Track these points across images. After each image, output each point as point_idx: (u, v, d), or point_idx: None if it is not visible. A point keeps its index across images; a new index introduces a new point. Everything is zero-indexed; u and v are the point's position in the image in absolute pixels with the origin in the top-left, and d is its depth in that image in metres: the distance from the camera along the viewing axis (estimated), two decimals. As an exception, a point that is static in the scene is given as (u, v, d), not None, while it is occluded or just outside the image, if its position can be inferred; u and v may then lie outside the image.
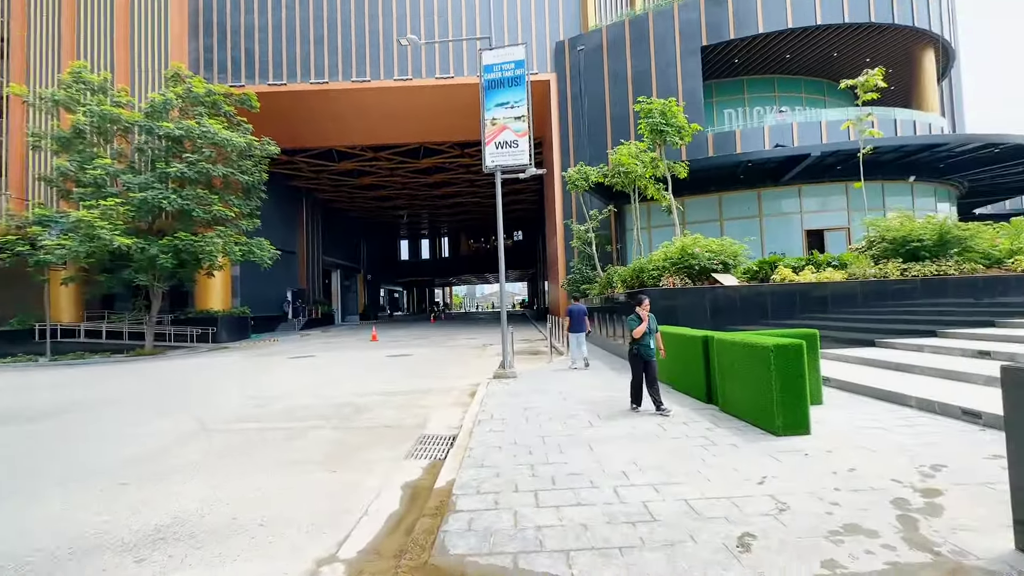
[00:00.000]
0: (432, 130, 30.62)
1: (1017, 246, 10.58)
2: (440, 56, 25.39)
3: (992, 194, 27.61)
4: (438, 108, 27.69)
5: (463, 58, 25.13)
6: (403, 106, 27.40)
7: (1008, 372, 2.65)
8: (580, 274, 21.86)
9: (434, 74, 25.35)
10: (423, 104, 27.25)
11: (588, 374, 10.17)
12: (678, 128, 14.02)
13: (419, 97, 26.43)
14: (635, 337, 6.31)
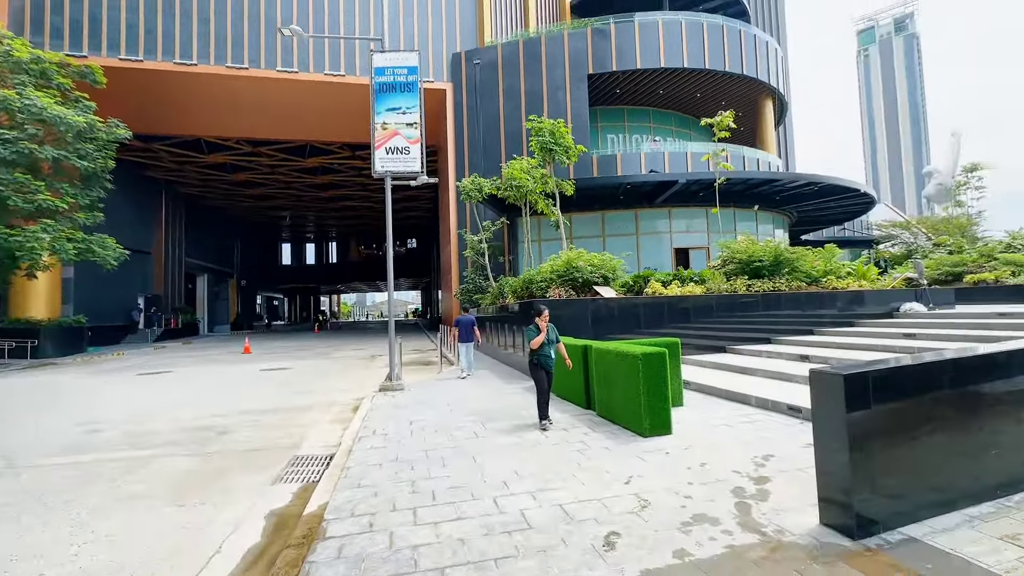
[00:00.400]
0: (320, 128, 28.91)
1: (829, 268, 12.85)
2: (331, 52, 24.14)
3: (816, 223, 33.28)
4: (328, 106, 26.24)
5: (355, 57, 24.16)
6: (288, 100, 25.52)
7: (813, 374, 3.17)
8: (473, 284, 22.02)
9: (323, 70, 23.99)
10: (310, 100, 25.64)
11: (477, 384, 10.22)
12: (566, 148, 14.87)
13: (306, 92, 24.81)
14: (533, 348, 6.24)
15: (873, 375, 2.99)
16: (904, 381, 3.12)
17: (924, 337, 9.00)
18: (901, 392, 3.11)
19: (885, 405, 3.03)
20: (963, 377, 3.30)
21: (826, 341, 9.95)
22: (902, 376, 3.11)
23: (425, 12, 25.68)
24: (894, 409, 3.08)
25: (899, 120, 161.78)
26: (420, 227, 57.42)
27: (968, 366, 3.34)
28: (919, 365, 3.17)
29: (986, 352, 3.42)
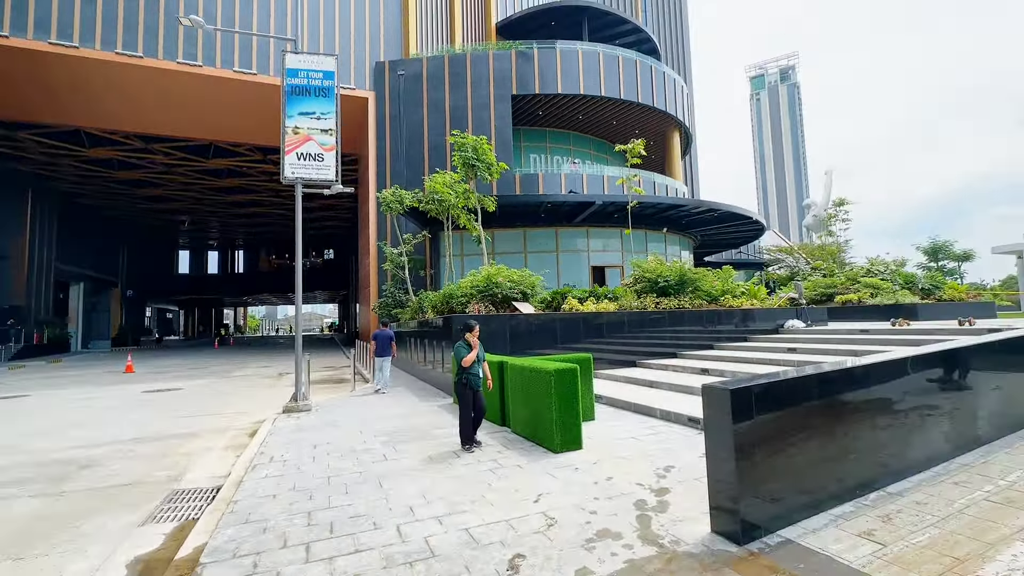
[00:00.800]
0: (227, 128, 26.86)
1: (726, 288, 14.02)
2: (242, 47, 22.63)
3: (716, 246, 36.35)
4: (236, 105, 24.48)
5: (269, 56, 22.84)
6: (190, 95, 23.45)
7: (706, 389, 3.37)
8: (392, 298, 21.37)
9: (233, 66, 22.39)
10: (216, 97, 23.77)
11: (391, 402, 9.83)
12: (488, 164, 15.02)
13: (211, 88, 22.98)
14: (464, 366, 5.83)
15: (755, 389, 3.24)
16: (781, 394, 3.41)
17: (803, 351, 10.04)
18: (779, 404, 3.39)
19: (766, 416, 3.29)
20: (828, 389, 3.68)
21: (724, 355, 10.78)
22: (779, 389, 3.40)
23: (348, 18, 24.99)
24: (773, 420, 3.35)
25: (784, 157, 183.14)
26: (338, 237, 55.00)
27: (832, 379, 3.73)
28: (792, 379, 3.48)
29: (846, 367, 3.84)
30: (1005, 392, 5.11)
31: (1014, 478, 3.62)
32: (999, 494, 3.41)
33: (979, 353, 4.98)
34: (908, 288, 18.02)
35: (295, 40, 9.69)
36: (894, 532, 3.06)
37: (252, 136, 27.56)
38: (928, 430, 4.23)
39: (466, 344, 5.94)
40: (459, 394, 5.95)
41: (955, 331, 9.42)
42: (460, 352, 5.90)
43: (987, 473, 3.78)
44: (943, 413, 4.45)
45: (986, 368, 5.04)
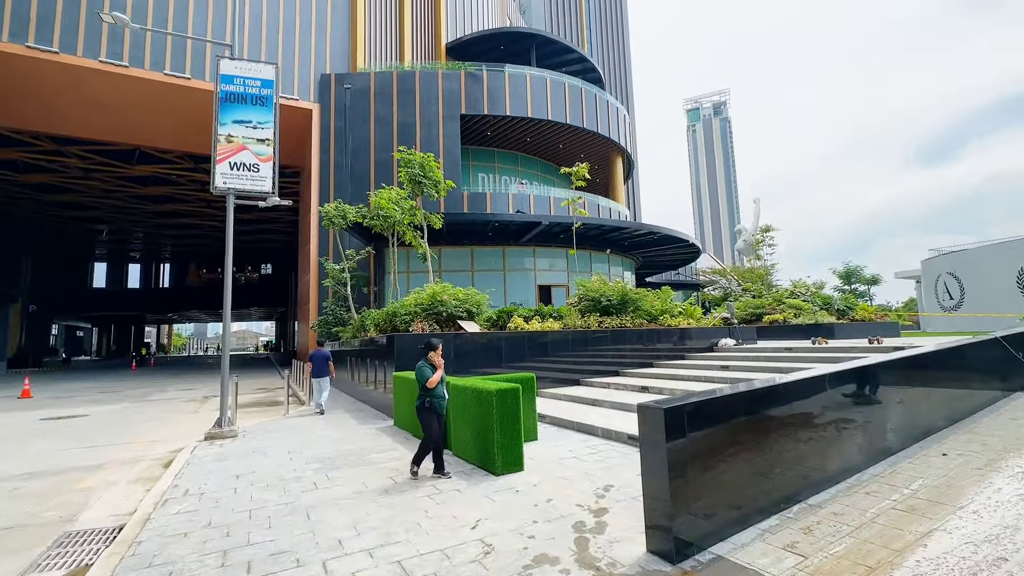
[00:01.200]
0: (155, 134, 25.22)
1: (665, 307, 14.57)
2: (175, 50, 21.42)
3: (657, 267, 37.88)
4: (167, 109, 23.05)
5: (205, 60, 21.77)
6: (113, 96, 21.83)
7: (641, 408, 3.42)
8: (333, 315, 20.55)
9: (164, 68, 21.13)
10: (144, 100, 22.29)
11: (327, 425, 9.33)
12: (435, 182, 14.93)
13: (138, 91, 21.53)
14: (428, 388, 5.44)
15: (687, 408, 3.32)
16: (712, 412, 3.52)
17: (735, 368, 10.55)
18: (710, 421, 3.50)
19: (698, 434, 3.38)
20: (756, 406, 3.85)
21: (663, 373, 11.12)
22: (710, 407, 3.51)
23: (292, 28, 24.37)
24: (705, 437, 3.44)
25: (718, 185, 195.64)
26: (278, 251, 52.56)
27: (759, 396, 3.91)
28: (722, 397, 3.61)
29: (772, 384, 4.04)
30: (908, 405, 5.57)
31: (916, 486, 3.91)
32: (904, 502, 3.66)
33: (886, 370, 5.40)
34: (826, 309, 19.52)
35: (231, 46, 9.25)
36: (814, 544, 3.20)
37: (184, 143, 26.00)
38: (844, 442, 4.51)
39: (429, 364, 5.57)
40: (422, 419, 5.50)
41: (866, 349, 10.24)
42: (424, 373, 5.48)
43: (894, 482, 4.06)
44: (857, 426, 4.77)
45: (892, 383, 5.47)
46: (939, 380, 6.05)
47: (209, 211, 37.19)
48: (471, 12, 34.56)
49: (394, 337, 10.21)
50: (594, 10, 69.43)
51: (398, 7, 28.42)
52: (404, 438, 7.71)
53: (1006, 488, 3.69)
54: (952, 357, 6.25)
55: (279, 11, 24.06)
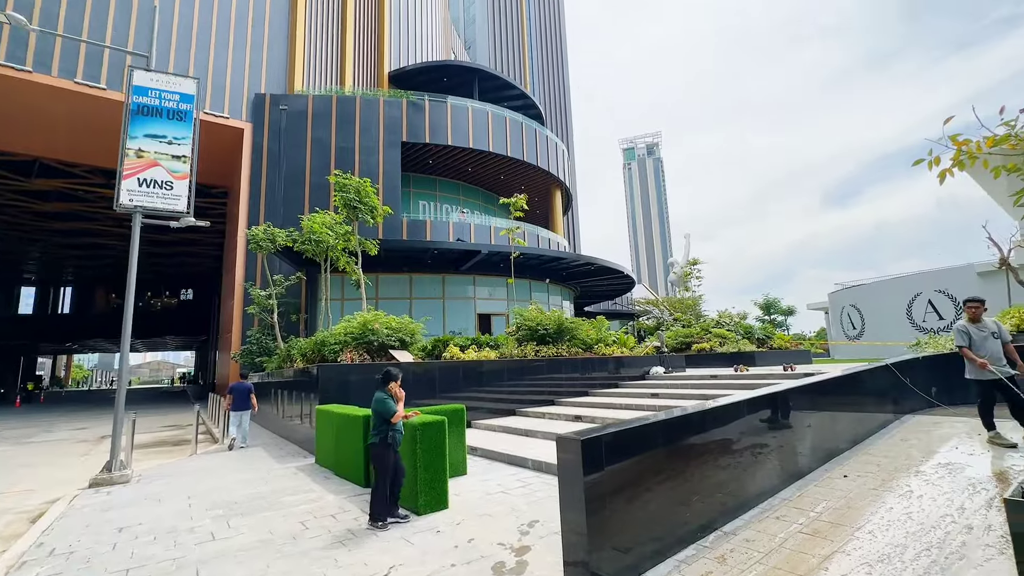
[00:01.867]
0: (60, 145, 23.12)
1: (600, 336, 14.88)
2: (90, 57, 19.93)
3: (595, 297, 38.95)
4: (76, 120, 21.26)
5: (123, 70, 20.40)
6: (10, 102, 19.84)
7: (559, 441, 3.35)
8: (258, 345, 19.29)
9: (75, 76, 19.55)
10: (48, 109, 20.43)
11: (240, 465, 8.55)
12: (371, 208, 14.60)
13: (42, 98, 19.72)
14: (392, 423, 4.94)
15: (605, 438, 3.30)
16: (630, 441, 3.52)
17: (664, 396, 10.85)
18: (628, 452, 3.49)
19: (616, 466, 3.35)
20: (674, 434, 3.90)
21: (596, 401, 11.24)
22: (628, 437, 3.51)
23: (226, 43, 23.51)
24: (624, 468, 3.42)
25: (652, 220, 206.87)
26: (201, 277, 49.01)
27: (677, 424, 3.97)
28: (640, 427, 3.63)
29: (688, 412, 4.13)
30: (815, 429, 5.91)
31: (821, 509, 4.09)
32: (810, 526, 3.81)
33: (795, 396, 5.72)
34: (748, 338, 20.77)
35: (148, 56, 8.67)
36: (727, 573, 3.22)
37: (93, 157, 24.00)
38: (758, 468, 4.67)
39: (388, 396, 5.07)
40: (377, 457, 4.92)
41: (781, 376, 10.91)
42: (388, 405, 4.96)
43: (801, 506, 4.23)
44: (770, 450, 4.97)
45: (800, 408, 5.79)
46: (841, 405, 6.50)
47: (120, 231, 34.23)
48: (415, 44, 35.07)
49: (321, 367, 9.65)
50: (536, 53, 72.72)
51: (340, 32, 28.29)
52: (324, 477, 7.18)
53: (896, 507, 3.93)
54: (851, 383, 6.76)
55: (211, 26, 23.19)
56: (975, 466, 4.77)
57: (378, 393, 5.09)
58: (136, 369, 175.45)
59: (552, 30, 75.81)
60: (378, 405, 5.01)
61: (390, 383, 5.17)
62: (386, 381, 5.19)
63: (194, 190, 8.55)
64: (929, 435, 6.18)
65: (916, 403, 7.73)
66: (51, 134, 22.16)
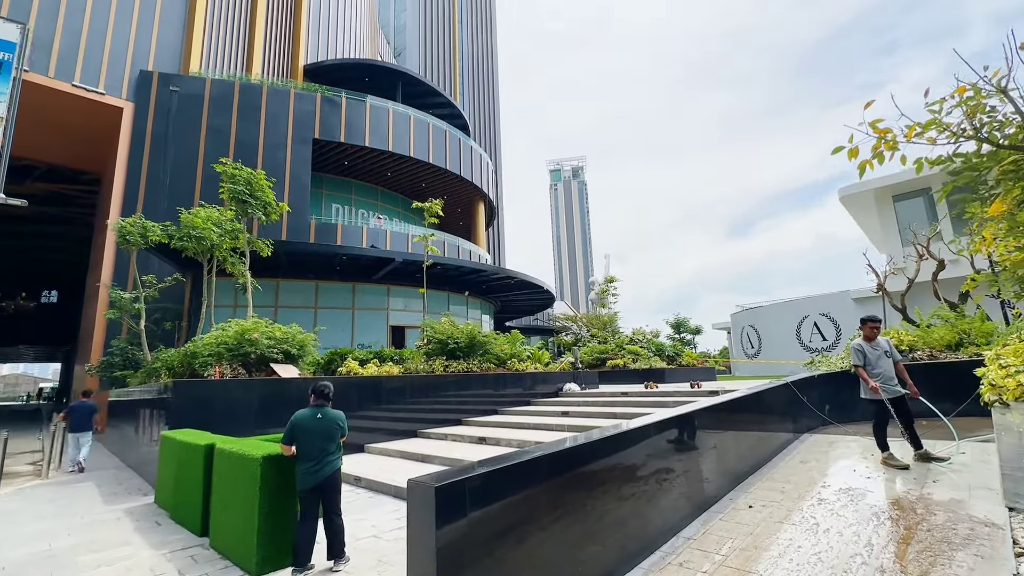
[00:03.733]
0: None
1: (514, 351, 14.27)
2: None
3: (516, 312, 38.69)
4: None
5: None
6: None
7: (410, 485, 2.53)
8: (123, 356, 16.57)
9: None
10: None
11: (56, 506, 6.75)
12: (264, 203, 13.00)
13: None
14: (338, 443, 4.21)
15: (471, 483, 2.53)
16: (506, 483, 2.78)
17: (575, 415, 10.40)
18: (502, 494, 2.74)
19: (484, 511, 2.59)
20: (565, 468, 3.23)
21: (505, 421, 10.54)
22: (503, 477, 2.77)
23: (106, 10, 20.55)
24: (495, 515, 2.67)
25: (575, 239, 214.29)
26: (67, 276, 42.41)
27: (567, 457, 3.30)
28: (518, 464, 2.90)
29: (578, 444, 3.48)
30: (722, 451, 5.58)
31: (726, 550, 3.61)
32: (715, 573, 3.28)
33: (704, 416, 5.35)
34: (659, 355, 21.28)
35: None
36: (620, 649, 2.55)
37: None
38: (662, 498, 4.15)
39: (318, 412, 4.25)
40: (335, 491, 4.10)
41: (688, 393, 10.90)
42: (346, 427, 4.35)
43: (706, 547, 3.72)
44: (676, 477, 4.49)
45: (709, 428, 5.44)
46: (747, 424, 6.29)
47: (-40, 218, 28.63)
48: (337, 40, 33.30)
49: (176, 384, 8.05)
50: (467, 68, 72.83)
51: (249, 15, 26.02)
52: (154, 523, 5.74)
53: (804, 545, 3.53)
54: (757, 402, 6.60)
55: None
56: (875, 491, 4.59)
57: (336, 411, 4.33)
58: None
59: (484, 45, 76.48)
60: (343, 422, 4.30)
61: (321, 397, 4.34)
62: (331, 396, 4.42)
63: (7, 160, 6.77)
64: (827, 456, 6.11)
65: (812, 421, 7.83)
66: None
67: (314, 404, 4.22)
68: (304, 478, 3.94)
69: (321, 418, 4.09)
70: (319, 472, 3.95)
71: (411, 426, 10.56)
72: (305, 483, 3.94)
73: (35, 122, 20.57)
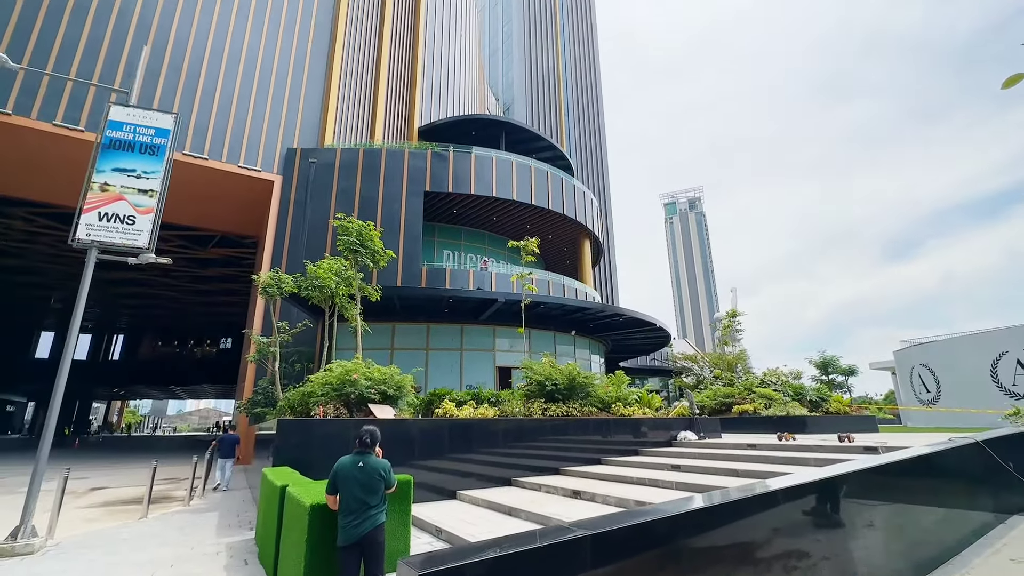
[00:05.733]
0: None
1: (619, 395, 13.11)
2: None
3: (628, 351, 36.69)
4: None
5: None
6: (52, 157, 21.22)
7: (399, 564, 2.00)
8: (264, 395, 18.59)
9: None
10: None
11: (175, 535, 7.37)
12: (373, 252, 13.99)
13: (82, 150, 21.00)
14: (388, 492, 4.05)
15: (470, 570, 1.92)
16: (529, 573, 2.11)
17: (687, 469, 9.01)
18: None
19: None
20: (621, 552, 2.45)
21: (607, 472, 9.50)
22: (526, 565, 2.10)
23: (264, 101, 24.80)
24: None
25: (696, 274, 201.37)
26: (239, 326, 50.38)
27: (634, 535, 2.51)
28: (557, 544, 2.20)
29: (658, 516, 2.66)
30: (880, 532, 4.14)
31: None
32: None
33: (854, 480, 4.04)
34: (798, 400, 18.20)
35: (127, 92, 8.57)
36: None
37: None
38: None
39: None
40: (381, 546, 3.77)
41: (835, 448, 8.86)
42: (392, 475, 4.08)
43: None
44: (807, 570, 3.33)
45: (861, 498, 4.08)
46: (917, 496, 4.68)
47: (166, 280, 35.77)
48: (448, 102, 36.29)
49: (280, 423, 8.57)
50: (572, 111, 74.65)
51: (373, 89, 29.55)
52: (244, 561, 5.88)
53: None
54: (927, 466, 4.92)
55: (252, 86, 24.59)
56: None
57: (380, 459, 4.07)
58: (187, 416, 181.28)
59: (588, 85, 78.01)
60: (387, 472, 3.99)
61: (376, 447, 4.16)
62: (374, 442, 4.16)
63: (158, 225, 8.04)
64: (1056, 552, 4.23)
65: (1022, 498, 5.66)
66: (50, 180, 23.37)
67: (356, 451, 3.94)
68: (343, 532, 3.62)
69: (363, 467, 3.79)
70: (359, 527, 3.60)
71: (506, 472, 10.00)
72: (344, 538, 3.61)
73: (209, 198, 25.15)
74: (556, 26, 75.74)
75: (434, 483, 9.19)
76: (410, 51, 33.64)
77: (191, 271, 34.84)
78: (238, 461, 19.22)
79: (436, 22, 36.84)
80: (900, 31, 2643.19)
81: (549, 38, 74.30)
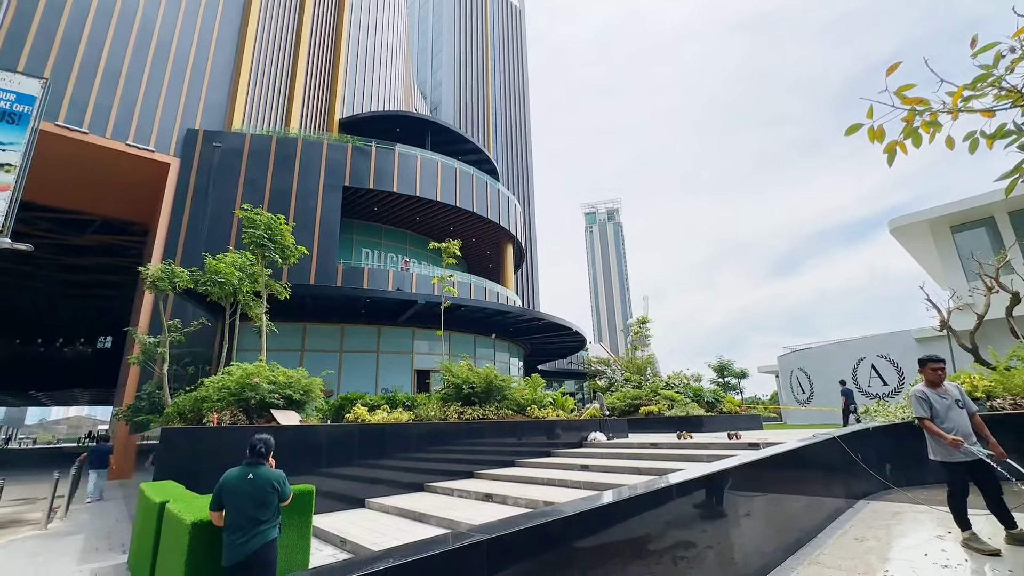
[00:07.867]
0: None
1: (534, 397, 13.39)
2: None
3: (547, 355, 37.63)
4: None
5: None
6: None
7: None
8: (150, 401, 16.74)
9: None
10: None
11: (28, 567, 6.37)
12: (282, 247, 13.11)
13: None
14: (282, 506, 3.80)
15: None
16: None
17: (595, 468, 9.41)
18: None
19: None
20: (510, 558, 2.50)
21: (520, 474, 9.64)
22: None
23: (161, 73, 22.37)
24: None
25: (612, 281, 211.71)
26: (123, 323, 44.76)
27: (527, 539, 2.58)
28: (448, 551, 2.20)
29: (568, 513, 2.75)
30: (754, 521, 4.60)
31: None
32: None
33: (736, 475, 4.45)
34: (697, 401, 19.75)
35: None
36: None
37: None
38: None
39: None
40: (273, 562, 3.48)
41: (724, 444, 9.72)
42: (288, 486, 3.80)
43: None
44: (693, 558, 3.61)
45: (740, 491, 4.50)
46: (785, 487, 5.26)
47: (28, 268, 30.94)
48: (372, 96, 35.10)
49: (164, 432, 7.75)
50: (500, 118, 75.38)
51: (290, 75, 27.82)
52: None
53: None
54: (793, 460, 5.56)
55: (147, 57, 22.10)
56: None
57: (273, 470, 3.77)
58: (52, 425, 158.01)
59: (516, 96, 79.27)
60: (281, 484, 3.69)
61: (270, 458, 3.88)
62: (268, 451, 3.87)
63: (15, 205, 6.92)
64: (889, 532, 4.96)
65: (869, 485, 6.59)
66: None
67: (248, 461, 3.67)
68: (228, 551, 3.34)
69: (253, 479, 3.53)
70: (246, 544, 3.34)
71: (419, 478, 9.82)
72: (229, 557, 3.33)
73: (89, 178, 22.22)
74: (487, 30, 76.21)
75: (342, 491, 8.79)
76: (333, 38, 32.10)
77: (63, 260, 30.48)
78: (112, 475, 17.15)
79: (362, 10, 35.52)
80: (797, 67, 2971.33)
81: (479, 42, 74.56)
